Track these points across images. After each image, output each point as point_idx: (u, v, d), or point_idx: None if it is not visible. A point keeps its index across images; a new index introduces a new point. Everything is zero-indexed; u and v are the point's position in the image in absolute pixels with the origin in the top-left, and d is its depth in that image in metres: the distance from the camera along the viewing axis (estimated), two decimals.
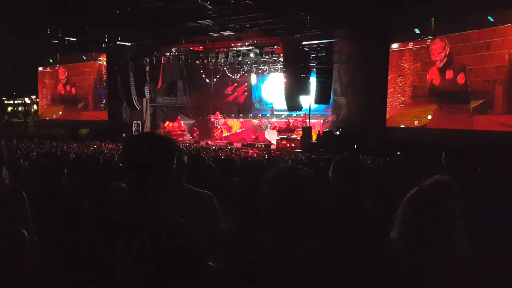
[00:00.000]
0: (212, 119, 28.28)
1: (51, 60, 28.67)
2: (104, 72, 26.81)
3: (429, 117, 17.38)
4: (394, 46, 18.65)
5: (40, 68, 30.09)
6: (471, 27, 15.81)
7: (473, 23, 15.67)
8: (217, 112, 28.41)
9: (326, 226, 2.14)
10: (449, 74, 16.47)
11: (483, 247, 2.28)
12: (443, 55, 16.67)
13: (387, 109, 18.91)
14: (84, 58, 27.32)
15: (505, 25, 14.73)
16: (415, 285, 1.74)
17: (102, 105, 27.28)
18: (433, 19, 16.99)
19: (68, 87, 28.66)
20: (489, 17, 15.32)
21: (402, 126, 18.44)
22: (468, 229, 1.80)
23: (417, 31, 17.69)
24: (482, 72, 15.55)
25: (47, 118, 30.40)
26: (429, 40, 17.09)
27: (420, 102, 17.80)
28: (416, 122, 17.97)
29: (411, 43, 17.98)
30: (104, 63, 26.69)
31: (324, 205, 2.42)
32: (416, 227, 1.76)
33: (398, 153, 15.30)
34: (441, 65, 16.74)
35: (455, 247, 1.75)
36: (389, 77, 18.79)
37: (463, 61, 16.08)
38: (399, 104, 18.57)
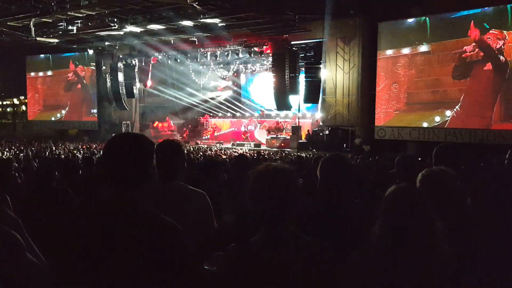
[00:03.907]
0: (202, 121, 28.53)
1: (41, 55, 28.28)
2: (95, 77, 26.70)
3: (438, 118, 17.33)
4: (388, 52, 18.48)
5: (32, 74, 29.43)
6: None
7: None
8: (206, 115, 28.75)
9: (312, 225, 2.18)
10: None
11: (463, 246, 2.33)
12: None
13: (382, 115, 18.77)
14: (77, 63, 27.16)
15: None
16: (395, 278, 1.80)
17: (94, 111, 27.10)
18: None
19: (59, 92, 28.33)
20: (485, 24, 15.46)
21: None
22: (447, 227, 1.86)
23: (411, 38, 17.71)
24: None
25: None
26: None
27: (416, 108, 17.70)
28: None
29: (406, 49, 17.91)
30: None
31: (307, 203, 2.46)
32: (394, 222, 1.83)
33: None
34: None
35: (433, 243, 1.81)
36: (384, 84, 18.64)
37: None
38: (394, 111, 18.44)
